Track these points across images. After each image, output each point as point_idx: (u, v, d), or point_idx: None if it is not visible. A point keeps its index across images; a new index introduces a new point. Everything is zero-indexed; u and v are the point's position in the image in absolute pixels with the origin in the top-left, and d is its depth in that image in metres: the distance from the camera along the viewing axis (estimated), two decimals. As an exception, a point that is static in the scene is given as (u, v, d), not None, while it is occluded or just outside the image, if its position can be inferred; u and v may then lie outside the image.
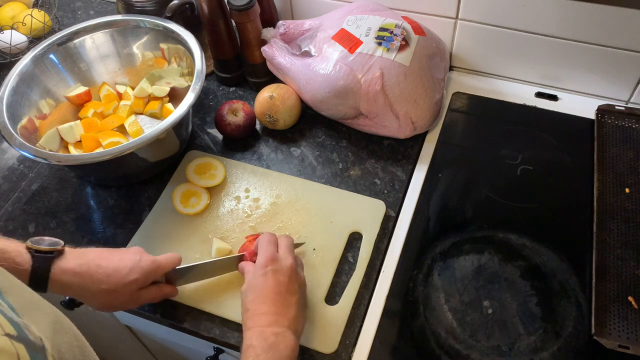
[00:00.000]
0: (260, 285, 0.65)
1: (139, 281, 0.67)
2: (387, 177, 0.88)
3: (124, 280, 0.66)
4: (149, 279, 0.69)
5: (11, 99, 0.85)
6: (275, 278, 0.66)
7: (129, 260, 0.67)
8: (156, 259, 0.70)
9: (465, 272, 0.76)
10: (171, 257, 0.71)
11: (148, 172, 0.90)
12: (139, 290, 0.68)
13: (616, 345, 0.68)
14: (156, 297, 0.71)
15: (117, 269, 0.66)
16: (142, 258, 0.68)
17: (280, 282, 0.65)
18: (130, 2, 0.99)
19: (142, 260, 0.68)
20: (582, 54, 0.91)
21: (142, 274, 0.67)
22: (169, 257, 0.71)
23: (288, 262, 0.68)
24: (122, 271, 0.66)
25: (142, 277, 0.67)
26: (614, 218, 0.79)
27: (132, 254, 0.69)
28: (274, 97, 0.89)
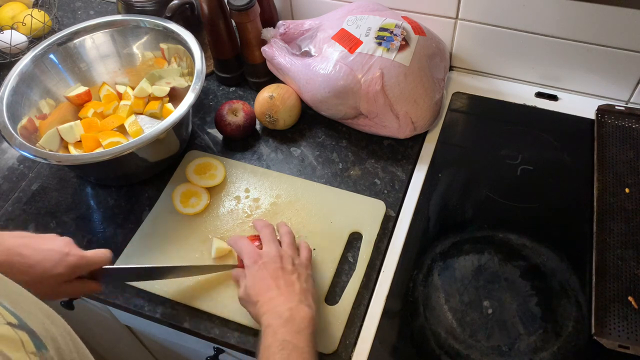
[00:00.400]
0: (259, 278, 0.67)
1: (64, 276, 0.64)
2: (387, 177, 0.88)
3: (47, 273, 0.63)
4: (74, 275, 0.66)
5: (11, 99, 0.85)
6: (266, 269, 0.67)
7: (56, 253, 0.64)
8: (85, 254, 0.67)
9: (465, 272, 0.76)
10: (101, 254, 0.68)
11: (148, 172, 0.90)
12: (61, 283, 0.65)
13: (616, 345, 0.68)
14: (78, 293, 0.69)
15: (41, 261, 0.63)
16: (71, 252, 0.65)
17: (274, 269, 0.67)
18: (130, 2, 0.99)
19: (70, 254, 0.65)
20: (582, 54, 0.91)
21: (67, 269, 0.64)
22: (98, 254, 0.68)
23: (272, 251, 0.69)
24: (46, 264, 0.63)
25: (67, 271, 0.64)
26: (614, 218, 0.79)
27: (60, 245, 0.65)
28: (274, 97, 0.89)
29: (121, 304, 0.77)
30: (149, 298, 0.77)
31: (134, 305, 0.77)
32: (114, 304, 0.78)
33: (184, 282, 0.76)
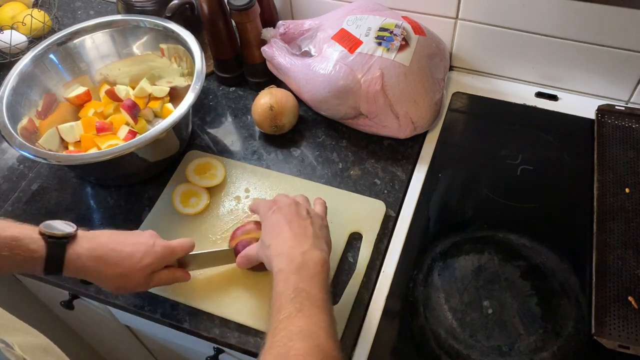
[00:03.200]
0: (273, 221, 0.68)
1: (152, 265, 0.68)
2: (387, 177, 0.88)
3: (137, 264, 0.67)
4: (162, 264, 0.69)
5: (11, 99, 0.85)
6: (280, 212, 0.68)
7: (143, 245, 0.68)
8: (169, 244, 0.70)
9: (465, 272, 0.76)
10: (185, 243, 0.72)
11: (148, 172, 0.90)
12: (151, 273, 0.69)
13: (616, 345, 0.68)
14: (168, 281, 0.72)
15: (131, 253, 0.67)
16: (156, 242, 0.69)
17: (288, 213, 0.68)
18: (130, 2, 0.99)
19: (155, 244, 0.69)
20: (582, 54, 0.91)
21: (155, 259, 0.68)
22: (182, 243, 0.71)
23: (286, 199, 0.70)
24: (136, 255, 0.67)
25: (155, 261, 0.68)
26: (614, 218, 0.79)
27: (146, 238, 0.69)
28: (274, 108, 0.89)
29: (121, 304, 0.77)
30: (149, 298, 0.77)
31: (134, 305, 0.77)
32: (114, 304, 0.78)
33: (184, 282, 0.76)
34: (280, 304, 0.58)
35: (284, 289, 0.59)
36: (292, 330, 0.54)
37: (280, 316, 0.56)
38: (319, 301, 0.58)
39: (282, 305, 0.57)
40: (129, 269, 0.66)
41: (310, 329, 0.55)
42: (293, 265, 0.61)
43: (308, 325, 0.55)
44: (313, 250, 0.63)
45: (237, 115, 0.99)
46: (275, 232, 0.66)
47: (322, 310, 0.57)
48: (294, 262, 0.61)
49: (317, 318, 0.56)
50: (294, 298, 0.57)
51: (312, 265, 0.61)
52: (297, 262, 0.61)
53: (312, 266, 0.61)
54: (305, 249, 0.63)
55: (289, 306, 0.57)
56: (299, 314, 0.56)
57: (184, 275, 0.73)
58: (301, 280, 0.59)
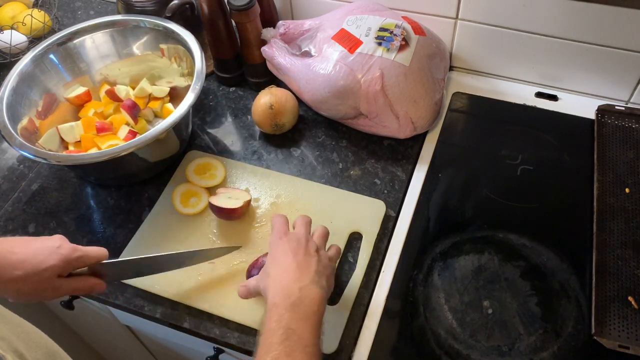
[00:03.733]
0: (277, 253, 0.66)
1: (57, 267, 0.64)
2: (387, 177, 0.88)
3: (40, 265, 0.62)
4: (69, 267, 0.65)
5: (11, 99, 0.85)
6: (289, 244, 0.66)
7: (48, 247, 0.64)
8: (79, 247, 0.66)
9: (465, 272, 0.76)
10: (97, 249, 0.68)
11: (148, 172, 0.90)
12: (58, 278, 0.64)
13: (616, 345, 0.68)
14: (79, 289, 0.68)
15: (33, 254, 0.63)
16: (63, 245, 0.65)
17: (294, 247, 0.66)
18: (130, 2, 0.99)
19: (62, 247, 0.65)
20: (582, 54, 0.91)
21: (61, 260, 0.64)
22: (94, 248, 0.68)
23: (299, 230, 0.69)
24: (38, 257, 0.63)
25: (61, 263, 0.64)
26: (614, 218, 0.79)
27: (53, 240, 0.66)
28: (274, 107, 0.89)
29: (121, 304, 0.77)
30: (149, 298, 0.77)
31: (134, 305, 0.77)
32: (114, 304, 0.78)
33: (184, 282, 0.76)
34: (270, 343, 0.56)
35: (276, 327, 0.57)
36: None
37: (267, 357, 0.55)
38: (310, 347, 0.56)
39: (272, 345, 0.56)
40: (30, 271, 0.62)
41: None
42: (289, 301, 0.59)
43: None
44: (311, 287, 0.61)
45: (237, 115, 0.99)
46: (279, 261, 0.65)
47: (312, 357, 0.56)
48: (290, 297, 0.59)
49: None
50: (285, 340, 0.56)
51: (308, 303, 0.60)
52: (293, 298, 0.59)
53: (308, 304, 0.59)
54: (303, 285, 0.61)
55: (279, 347, 0.55)
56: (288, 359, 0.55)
57: (98, 284, 0.68)
58: (294, 320, 0.57)
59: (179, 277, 0.77)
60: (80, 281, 0.67)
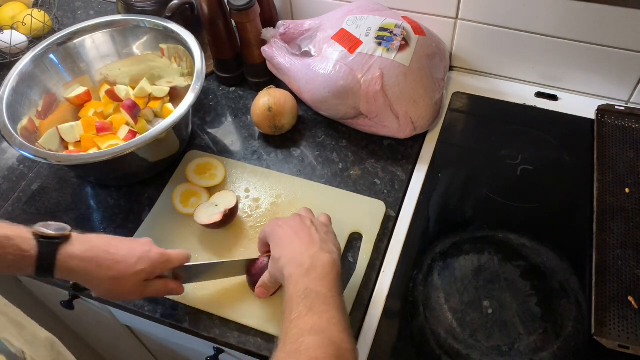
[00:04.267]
0: (280, 235, 0.67)
1: (146, 272, 0.67)
2: (387, 177, 0.88)
3: (131, 269, 0.65)
4: (156, 271, 0.68)
5: (11, 99, 0.85)
6: (287, 224, 0.68)
7: (138, 250, 0.67)
8: (166, 252, 0.69)
9: (465, 272, 0.76)
10: (181, 253, 0.71)
11: (148, 172, 0.90)
12: (144, 281, 0.67)
13: (616, 345, 0.68)
14: (161, 291, 0.70)
15: (125, 257, 0.66)
16: (152, 249, 0.68)
17: (294, 224, 0.68)
18: (130, 2, 0.99)
19: (151, 251, 0.68)
20: (582, 54, 0.91)
21: (149, 265, 0.67)
22: (179, 253, 0.70)
23: (300, 215, 0.70)
24: (130, 260, 0.66)
25: (149, 267, 0.67)
26: (614, 218, 0.79)
27: (142, 244, 0.69)
28: (272, 109, 0.89)
29: (121, 304, 0.77)
30: (149, 298, 0.77)
31: (134, 305, 0.77)
32: (114, 304, 0.78)
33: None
34: (291, 306, 0.58)
35: (294, 291, 0.59)
36: (303, 327, 0.55)
37: (291, 317, 0.56)
38: (330, 299, 0.58)
39: (293, 307, 0.57)
40: (122, 273, 0.65)
41: (321, 325, 0.55)
42: (302, 269, 0.61)
43: (319, 322, 0.55)
44: (321, 253, 0.63)
45: (237, 115, 0.99)
46: (284, 243, 0.66)
47: (333, 307, 0.58)
48: (303, 265, 0.61)
49: (328, 315, 0.56)
50: (304, 299, 0.58)
51: (321, 266, 0.61)
52: (306, 266, 0.61)
53: (321, 267, 0.61)
54: (313, 252, 0.63)
55: (299, 307, 0.57)
56: (310, 313, 0.56)
57: (178, 287, 0.71)
58: (311, 282, 0.60)
59: None
60: (162, 284, 0.70)
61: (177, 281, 0.71)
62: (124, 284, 0.66)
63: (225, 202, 0.81)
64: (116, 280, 0.65)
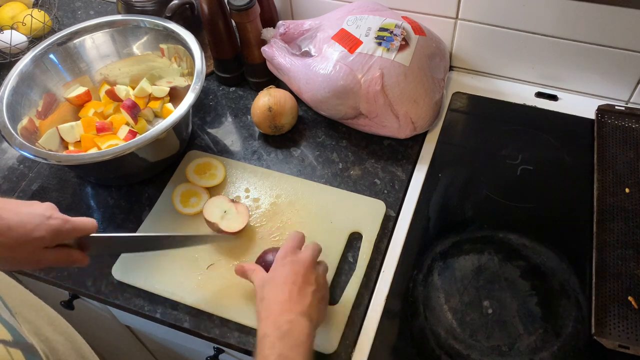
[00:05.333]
0: (278, 275, 0.65)
1: (45, 239, 0.61)
2: (387, 177, 0.88)
3: (27, 236, 0.59)
4: (56, 239, 0.62)
5: (11, 99, 0.85)
6: (292, 268, 0.65)
7: (38, 216, 0.61)
8: (69, 219, 0.63)
9: (465, 272, 0.76)
10: (87, 221, 0.65)
11: (148, 172, 0.90)
12: (43, 249, 0.62)
13: (616, 345, 0.68)
14: (62, 261, 0.64)
15: (22, 222, 0.59)
16: (53, 215, 0.62)
17: (297, 272, 0.65)
18: (130, 2, 0.99)
19: (52, 217, 0.61)
20: (582, 54, 0.91)
21: (49, 232, 0.60)
22: (84, 221, 0.65)
23: (307, 254, 0.68)
24: (27, 226, 0.59)
25: (49, 235, 0.61)
26: (614, 218, 0.79)
27: (43, 209, 0.62)
28: (273, 109, 0.89)
29: (121, 304, 0.77)
30: (149, 298, 0.77)
31: (134, 305, 0.77)
32: (114, 304, 0.78)
33: (184, 282, 0.76)
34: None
35: (269, 353, 0.58)
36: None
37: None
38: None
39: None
40: (15, 241, 0.59)
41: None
42: (279, 332, 0.60)
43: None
44: (300, 319, 0.61)
45: (237, 115, 0.99)
46: (275, 288, 0.64)
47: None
48: (280, 329, 0.60)
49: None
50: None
51: (297, 334, 0.60)
52: (283, 330, 0.60)
53: (297, 335, 0.60)
54: (293, 317, 0.61)
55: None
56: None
57: (82, 258, 0.65)
58: (286, 348, 0.58)
59: (179, 277, 0.77)
60: (64, 253, 0.64)
61: (80, 251, 0.66)
62: (19, 251, 0.60)
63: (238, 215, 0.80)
64: (8, 248, 0.59)
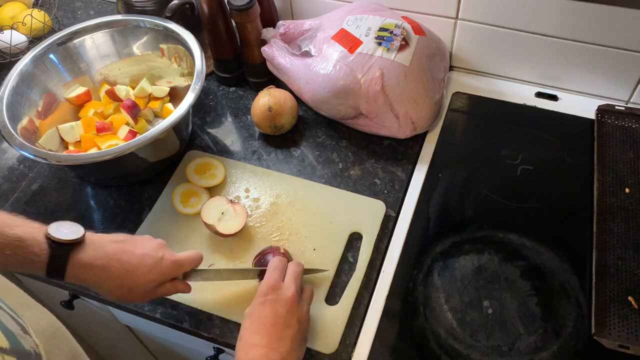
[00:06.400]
0: (257, 314, 0.64)
1: (157, 281, 0.66)
2: (387, 177, 0.88)
3: (142, 278, 0.65)
4: (167, 278, 0.68)
5: (11, 99, 0.85)
6: (272, 308, 0.64)
7: (151, 258, 0.66)
8: (178, 259, 0.68)
9: (465, 272, 0.76)
10: (193, 256, 0.70)
11: (148, 172, 0.90)
12: (155, 287, 0.67)
13: (616, 345, 0.68)
14: (170, 293, 0.70)
15: (137, 266, 0.65)
16: (165, 257, 0.67)
17: (278, 314, 0.63)
18: (130, 2, 0.99)
19: (164, 259, 0.67)
20: (582, 54, 0.91)
21: (161, 274, 0.66)
22: (190, 257, 0.70)
23: (290, 292, 0.65)
24: (141, 269, 0.65)
25: (160, 277, 0.66)
26: (614, 218, 0.79)
27: (155, 249, 0.67)
28: (273, 109, 0.89)
29: (121, 304, 0.77)
30: (149, 298, 0.77)
31: (134, 305, 0.77)
32: (114, 304, 0.78)
33: (184, 282, 0.76)
34: None
35: None
36: None
37: None
38: None
39: None
40: (134, 283, 0.65)
41: None
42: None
43: None
44: None
45: (237, 115, 0.99)
46: (253, 328, 0.63)
47: None
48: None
49: None
50: None
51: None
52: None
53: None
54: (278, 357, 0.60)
55: None
56: None
57: (185, 287, 0.71)
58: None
59: None
60: (171, 287, 0.69)
61: (184, 282, 0.71)
62: (135, 292, 0.66)
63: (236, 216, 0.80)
64: (127, 289, 0.65)
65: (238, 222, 0.79)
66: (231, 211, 0.80)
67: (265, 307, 0.64)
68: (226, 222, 0.79)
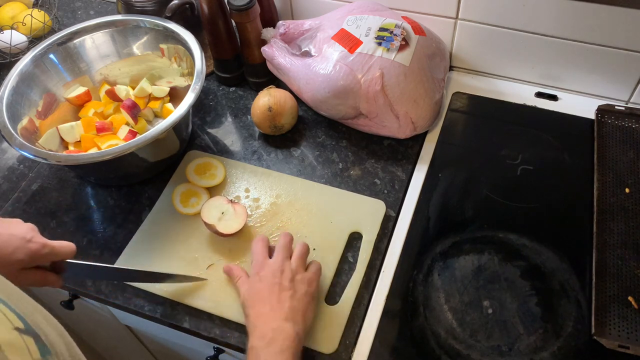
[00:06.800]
0: (256, 289, 0.69)
1: (23, 262, 0.62)
2: (387, 177, 0.88)
3: (6, 258, 0.61)
4: (34, 262, 0.63)
5: (11, 99, 0.85)
6: (265, 281, 0.69)
7: (17, 239, 0.62)
8: (48, 243, 0.65)
9: (465, 272, 0.76)
10: (66, 246, 0.67)
11: (148, 172, 0.90)
12: (20, 270, 0.63)
13: (616, 345, 0.68)
14: (37, 283, 0.66)
15: (2, 244, 0.61)
16: (33, 239, 0.63)
17: (272, 283, 0.68)
18: (130, 2, 0.99)
19: (32, 241, 0.63)
20: (582, 54, 0.91)
21: (28, 256, 0.62)
22: (63, 246, 0.66)
23: (276, 264, 0.70)
24: (7, 248, 0.61)
25: (27, 258, 0.62)
26: (614, 218, 0.79)
27: (23, 231, 0.64)
28: (273, 109, 0.89)
29: (121, 304, 0.77)
30: (149, 298, 0.77)
31: (134, 305, 0.77)
32: (114, 304, 0.78)
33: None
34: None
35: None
36: None
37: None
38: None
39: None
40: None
41: None
42: (263, 342, 0.63)
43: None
44: (284, 325, 0.64)
45: (237, 115, 0.99)
46: (256, 301, 0.68)
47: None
48: (264, 338, 0.63)
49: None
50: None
51: (281, 340, 0.62)
52: (267, 339, 0.63)
53: (282, 341, 0.62)
54: (276, 325, 0.64)
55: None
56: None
57: (56, 280, 0.67)
58: (270, 355, 0.61)
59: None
60: (39, 276, 0.65)
61: (56, 274, 0.67)
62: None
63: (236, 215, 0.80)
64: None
65: (238, 222, 0.79)
66: (231, 211, 0.80)
67: (259, 283, 0.69)
68: (226, 222, 0.79)
